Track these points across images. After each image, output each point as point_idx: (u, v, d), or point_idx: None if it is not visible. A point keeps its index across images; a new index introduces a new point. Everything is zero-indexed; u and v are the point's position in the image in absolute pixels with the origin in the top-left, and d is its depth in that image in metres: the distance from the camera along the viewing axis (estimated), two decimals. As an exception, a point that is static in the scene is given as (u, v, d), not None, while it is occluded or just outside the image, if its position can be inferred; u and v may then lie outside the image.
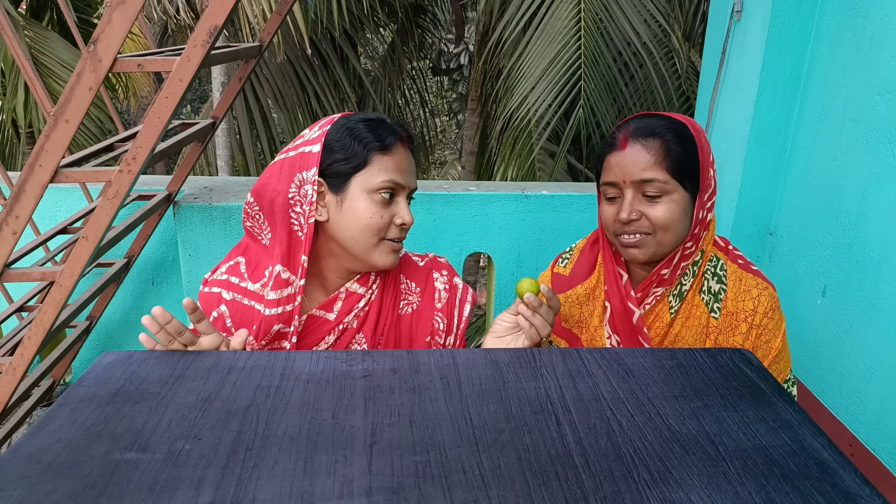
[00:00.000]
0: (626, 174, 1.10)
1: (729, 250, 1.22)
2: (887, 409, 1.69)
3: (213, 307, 1.14)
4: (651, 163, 1.08)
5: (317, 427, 0.75)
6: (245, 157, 6.40)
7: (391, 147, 1.08)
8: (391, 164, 1.08)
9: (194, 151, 2.05)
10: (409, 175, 1.12)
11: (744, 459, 0.71)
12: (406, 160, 1.11)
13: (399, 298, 1.19)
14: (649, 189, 1.09)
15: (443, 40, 9.49)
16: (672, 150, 1.08)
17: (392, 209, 1.10)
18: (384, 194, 1.07)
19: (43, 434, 0.73)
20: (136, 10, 1.24)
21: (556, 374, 0.88)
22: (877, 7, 1.71)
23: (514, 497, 0.64)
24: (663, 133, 1.09)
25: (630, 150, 1.10)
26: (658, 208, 1.09)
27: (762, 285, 1.16)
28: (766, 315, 1.14)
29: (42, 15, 6.91)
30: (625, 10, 4.45)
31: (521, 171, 5.05)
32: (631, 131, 1.11)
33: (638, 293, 1.17)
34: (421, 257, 1.26)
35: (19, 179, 1.30)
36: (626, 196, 1.11)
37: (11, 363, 1.43)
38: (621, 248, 1.15)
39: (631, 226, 1.11)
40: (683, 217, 1.11)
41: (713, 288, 1.17)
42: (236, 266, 1.16)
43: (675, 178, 1.09)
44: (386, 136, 1.08)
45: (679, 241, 1.12)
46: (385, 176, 1.07)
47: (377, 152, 1.07)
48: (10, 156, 6.64)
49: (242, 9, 5.18)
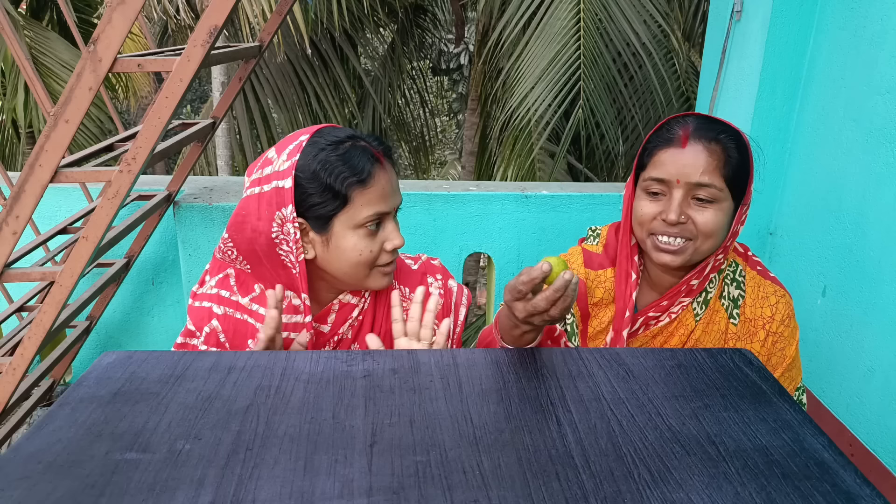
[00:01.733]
0: (683, 174, 1.05)
1: (748, 256, 1.19)
2: (887, 409, 1.69)
3: (204, 322, 1.09)
4: (712, 167, 1.04)
5: (317, 427, 0.75)
6: (245, 157, 6.40)
7: (370, 177, 1.00)
8: (374, 196, 1.00)
9: (194, 151, 2.04)
10: (394, 195, 1.05)
11: (744, 459, 0.71)
12: (388, 182, 1.03)
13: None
14: (702, 193, 1.05)
15: (443, 40, 9.49)
16: (732, 157, 1.05)
17: (381, 236, 1.04)
18: (370, 226, 1.02)
19: (43, 434, 0.73)
20: (136, 10, 1.24)
21: (556, 374, 0.88)
22: (877, 7, 1.71)
23: (515, 497, 0.64)
24: (725, 139, 1.06)
25: (691, 149, 1.05)
26: (706, 214, 1.05)
27: (780, 293, 1.14)
28: (782, 323, 1.12)
29: (42, 15, 6.91)
30: (624, 10, 4.45)
31: (521, 171, 5.06)
32: (692, 130, 1.06)
33: (664, 302, 1.14)
34: (414, 259, 1.22)
35: (19, 179, 1.30)
36: (674, 196, 1.06)
37: (11, 363, 1.43)
38: (653, 250, 1.10)
39: (675, 228, 1.06)
40: (725, 227, 1.08)
41: (732, 294, 1.15)
42: (226, 279, 1.11)
43: (729, 187, 1.06)
44: (362, 166, 0.99)
45: (713, 251, 1.09)
46: (369, 210, 1.00)
47: (356, 188, 0.99)
48: (10, 156, 6.64)
49: (242, 9, 5.18)
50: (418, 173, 9.00)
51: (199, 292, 1.12)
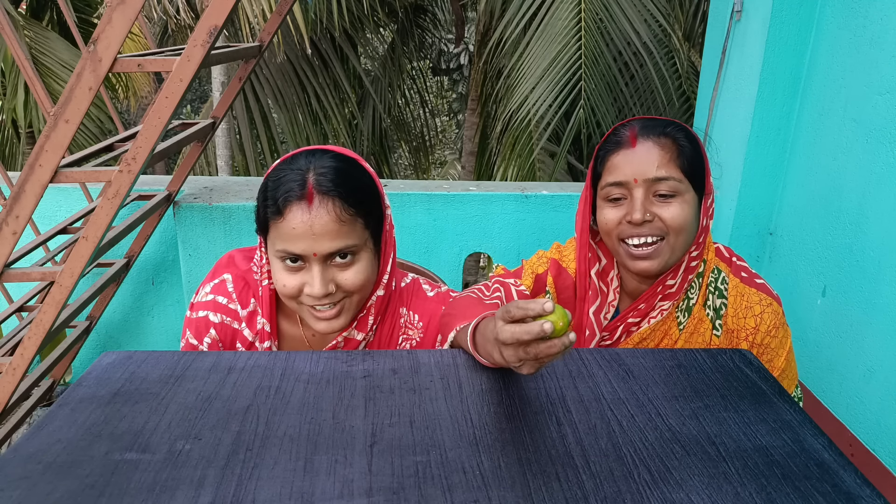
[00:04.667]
0: (639, 172, 1.03)
1: (732, 262, 1.15)
2: (887, 409, 1.69)
3: (203, 333, 1.06)
4: (666, 160, 1.03)
5: (317, 427, 0.75)
6: (245, 157, 6.40)
7: (282, 211, 0.91)
8: (284, 231, 0.92)
9: (194, 151, 2.04)
10: (315, 239, 0.91)
11: (744, 460, 0.71)
12: (306, 223, 0.91)
13: (397, 333, 1.10)
14: (662, 188, 1.03)
15: (443, 40, 9.49)
16: (684, 147, 1.04)
17: (302, 276, 0.95)
18: (287, 261, 0.95)
19: (43, 434, 0.73)
20: (136, 10, 1.24)
21: (556, 374, 0.88)
22: (877, 7, 1.71)
23: (515, 497, 0.64)
24: (673, 132, 1.05)
25: (641, 146, 1.04)
26: (672, 208, 1.03)
27: (766, 301, 1.09)
28: (768, 334, 1.08)
29: (42, 15, 6.91)
30: (625, 10, 4.45)
31: (521, 171, 5.05)
32: (639, 129, 1.05)
33: (641, 305, 1.11)
34: (433, 286, 1.15)
35: (19, 179, 1.30)
36: (635, 196, 1.04)
37: (11, 363, 1.43)
38: (628, 258, 1.07)
39: (643, 227, 1.04)
40: (693, 221, 1.06)
41: (715, 303, 1.11)
42: (222, 284, 1.07)
43: (688, 179, 1.04)
44: (278, 197, 0.91)
45: (687, 247, 1.07)
46: (279, 244, 0.93)
47: (271, 219, 0.93)
48: (10, 156, 6.64)
49: (242, 9, 5.18)
50: (418, 173, 9.00)
51: (196, 301, 1.09)
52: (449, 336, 0.97)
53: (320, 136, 6.60)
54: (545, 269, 1.20)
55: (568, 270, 1.19)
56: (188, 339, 1.08)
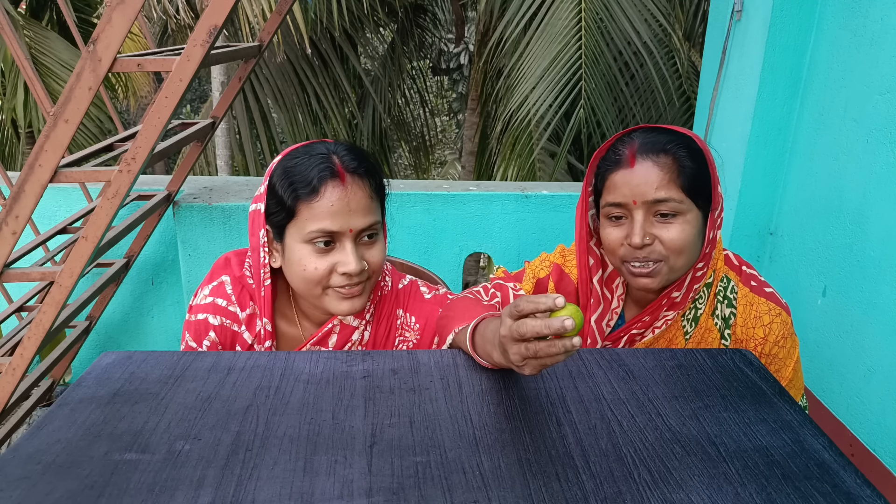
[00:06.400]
0: (637, 194, 1.01)
1: (742, 271, 1.14)
2: (887, 409, 1.69)
3: (202, 336, 1.06)
4: (666, 181, 1.00)
5: (317, 427, 0.75)
6: (245, 157, 6.40)
7: (318, 190, 0.95)
8: (320, 211, 0.95)
9: (194, 151, 2.04)
10: (350, 216, 0.96)
11: (744, 460, 0.71)
12: (343, 199, 0.96)
13: (394, 334, 1.10)
14: (662, 208, 1.01)
15: (443, 40, 9.49)
16: (685, 166, 1.01)
17: (333, 257, 0.97)
18: (318, 243, 0.96)
19: (43, 434, 0.73)
20: (136, 10, 1.23)
21: (556, 374, 0.88)
22: (877, 7, 1.71)
23: (515, 498, 0.64)
24: (674, 149, 1.01)
25: (640, 167, 1.01)
26: (672, 230, 1.01)
27: (775, 311, 1.08)
28: (776, 344, 1.07)
29: (42, 15, 6.91)
30: (625, 9, 4.45)
31: (521, 171, 5.05)
32: (638, 147, 1.02)
33: (646, 317, 1.10)
34: (430, 288, 1.15)
35: (19, 179, 1.30)
36: (635, 218, 1.02)
37: (11, 363, 1.43)
38: (630, 276, 1.06)
39: (642, 251, 1.02)
40: (697, 238, 1.04)
41: (724, 312, 1.10)
42: (221, 286, 1.08)
43: (690, 197, 1.01)
44: (311, 178, 0.95)
45: (692, 263, 1.05)
46: (314, 225, 0.95)
47: (303, 200, 0.96)
48: (10, 156, 6.64)
49: (242, 9, 5.18)
50: (418, 173, 9.00)
51: (194, 304, 1.09)
52: (447, 337, 0.97)
53: (320, 135, 6.60)
54: (547, 273, 1.20)
55: (570, 276, 1.19)
56: (188, 341, 1.08)
